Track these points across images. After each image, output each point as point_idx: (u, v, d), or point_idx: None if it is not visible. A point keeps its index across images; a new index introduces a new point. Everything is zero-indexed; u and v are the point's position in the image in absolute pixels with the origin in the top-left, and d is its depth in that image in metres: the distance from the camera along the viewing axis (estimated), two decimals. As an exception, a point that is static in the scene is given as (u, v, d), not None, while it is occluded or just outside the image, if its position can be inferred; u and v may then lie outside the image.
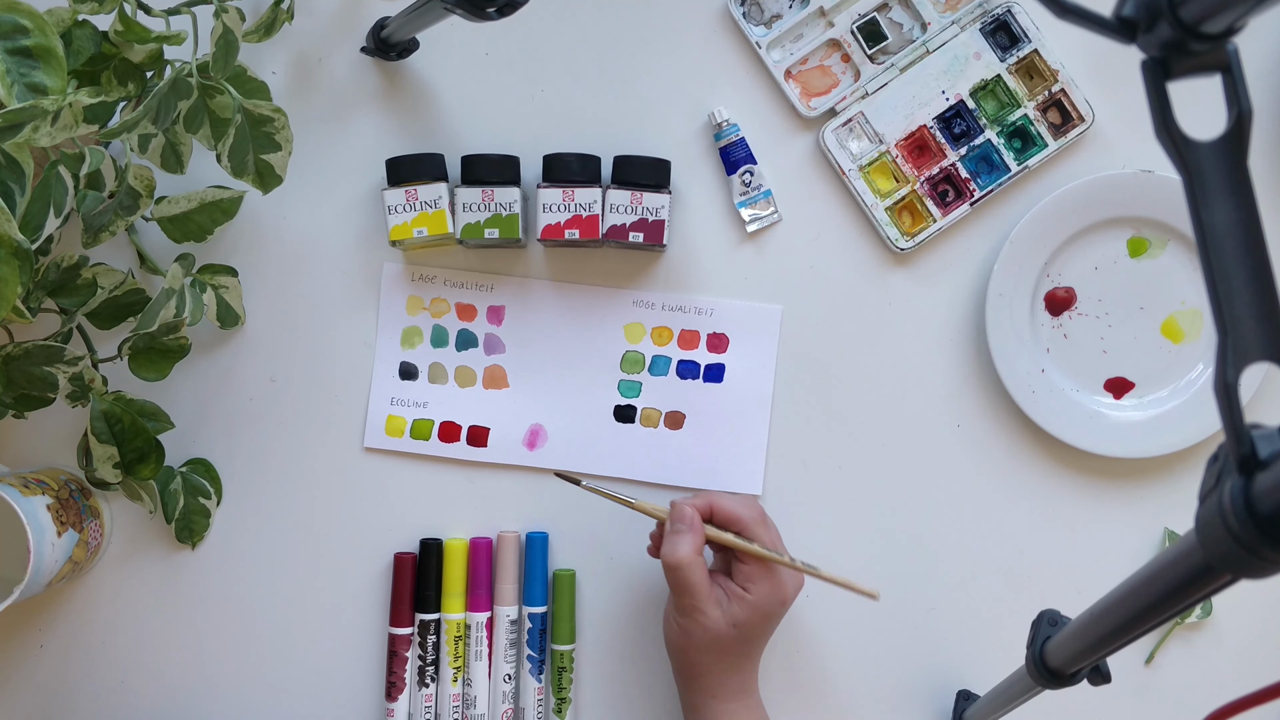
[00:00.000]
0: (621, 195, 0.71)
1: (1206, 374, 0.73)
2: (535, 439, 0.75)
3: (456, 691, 0.73)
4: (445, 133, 0.75)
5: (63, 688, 0.74)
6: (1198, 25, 0.34)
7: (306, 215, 0.75)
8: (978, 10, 0.73)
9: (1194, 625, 0.74)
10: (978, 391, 0.74)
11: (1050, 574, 0.74)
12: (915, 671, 0.74)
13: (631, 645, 0.75)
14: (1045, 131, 0.73)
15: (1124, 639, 0.45)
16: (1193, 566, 0.38)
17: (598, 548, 0.75)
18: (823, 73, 0.74)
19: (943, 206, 0.74)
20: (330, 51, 0.75)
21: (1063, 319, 0.74)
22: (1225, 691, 0.46)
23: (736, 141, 0.73)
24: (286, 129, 0.66)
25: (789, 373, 0.74)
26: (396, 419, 0.75)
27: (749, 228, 0.74)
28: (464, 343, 0.75)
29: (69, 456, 0.74)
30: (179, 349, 0.71)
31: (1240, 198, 0.35)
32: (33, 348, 0.65)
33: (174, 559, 0.75)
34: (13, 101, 0.52)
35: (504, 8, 0.57)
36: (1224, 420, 0.34)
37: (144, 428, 0.68)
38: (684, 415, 0.75)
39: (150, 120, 0.60)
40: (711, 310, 0.74)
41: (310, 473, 0.74)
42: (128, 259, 0.74)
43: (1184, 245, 0.73)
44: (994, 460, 0.74)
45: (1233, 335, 0.34)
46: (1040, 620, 0.56)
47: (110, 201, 0.65)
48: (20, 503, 0.65)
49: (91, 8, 0.59)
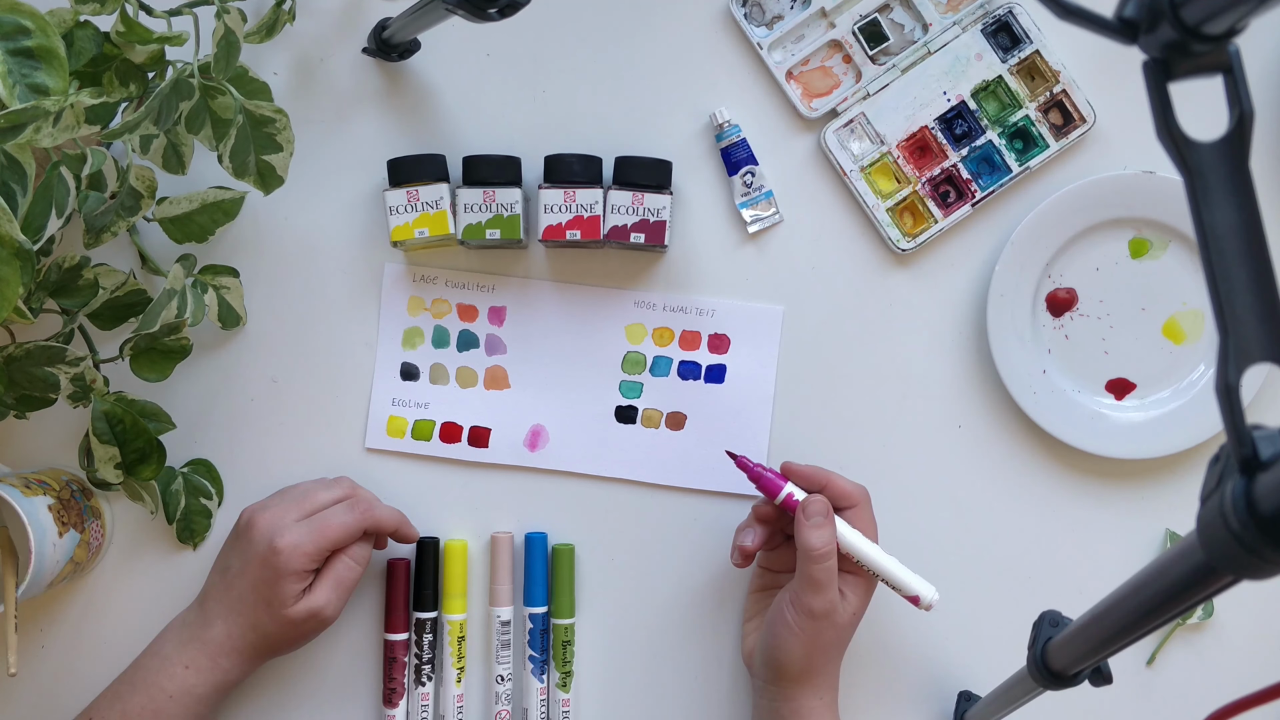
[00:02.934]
0: (623, 196, 0.71)
1: (1208, 375, 0.73)
2: (536, 440, 0.75)
3: (460, 692, 0.73)
4: (447, 133, 0.75)
5: (64, 688, 0.74)
6: (1199, 26, 0.34)
7: (308, 216, 0.75)
8: (979, 11, 0.73)
9: (1196, 626, 0.74)
10: (979, 392, 0.74)
11: (1051, 575, 0.74)
12: (916, 672, 0.74)
13: (631, 618, 0.75)
14: (1047, 132, 0.73)
15: (1126, 640, 0.45)
16: (1194, 567, 0.38)
17: (598, 546, 0.75)
18: (824, 73, 0.74)
19: (944, 207, 0.74)
20: (332, 52, 0.75)
21: (1064, 320, 0.74)
22: (1227, 692, 0.46)
23: (738, 142, 0.73)
24: (288, 130, 0.66)
25: (790, 373, 0.74)
26: (398, 419, 0.75)
27: (750, 228, 0.74)
28: (465, 343, 0.75)
29: (70, 457, 0.74)
30: (180, 349, 0.71)
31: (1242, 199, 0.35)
32: (34, 348, 0.65)
33: (175, 559, 0.75)
34: (15, 102, 0.52)
35: (505, 8, 0.57)
36: (1225, 421, 0.34)
37: (145, 428, 0.68)
38: (685, 416, 0.75)
39: (152, 121, 0.60)
40: (713, 311, 0.74)
41: (312, 473, 0.74)
42: (129, 260, 0.74)
43: (1185, 246, 0.73)
44: (995, 461, 0.74)
45: (1234, 336, 0.34)
46: (1041, 621, 0.56)
47: (112, 202, 0.65)
48: (22, 503, 0.65)
49: (93, 8, 0.59)
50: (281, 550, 0.67)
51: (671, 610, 0.75)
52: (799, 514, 0.66)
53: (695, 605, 0.75)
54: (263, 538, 0.68)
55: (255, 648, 0.69)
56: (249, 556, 0.68)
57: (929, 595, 0.67)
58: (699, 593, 0.75)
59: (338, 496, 0.71)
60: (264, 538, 0.67)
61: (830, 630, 0.65)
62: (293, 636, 0.69)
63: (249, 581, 0.68)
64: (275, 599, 0.67)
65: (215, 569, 0.71)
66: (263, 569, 0.67)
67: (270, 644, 0.69)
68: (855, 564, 0.67)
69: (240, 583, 0.68)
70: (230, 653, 0.68)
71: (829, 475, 0.69)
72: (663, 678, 0.75)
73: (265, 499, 0.72)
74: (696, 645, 0.75)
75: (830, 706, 0.67)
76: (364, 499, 0.71)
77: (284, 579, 0.67)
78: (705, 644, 0.75)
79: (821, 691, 0.67)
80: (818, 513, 0.66)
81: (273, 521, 0.68)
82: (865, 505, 0.69)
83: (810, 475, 0.68)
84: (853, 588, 0.67)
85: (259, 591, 0.67)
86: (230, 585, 0.69)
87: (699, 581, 0.74)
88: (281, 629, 0.68)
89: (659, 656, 0.75)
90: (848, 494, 0.68)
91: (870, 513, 0.69)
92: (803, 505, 0.67)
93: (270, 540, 0.67)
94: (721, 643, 0.75)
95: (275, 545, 0.67)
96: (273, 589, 0.67)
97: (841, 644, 0.67)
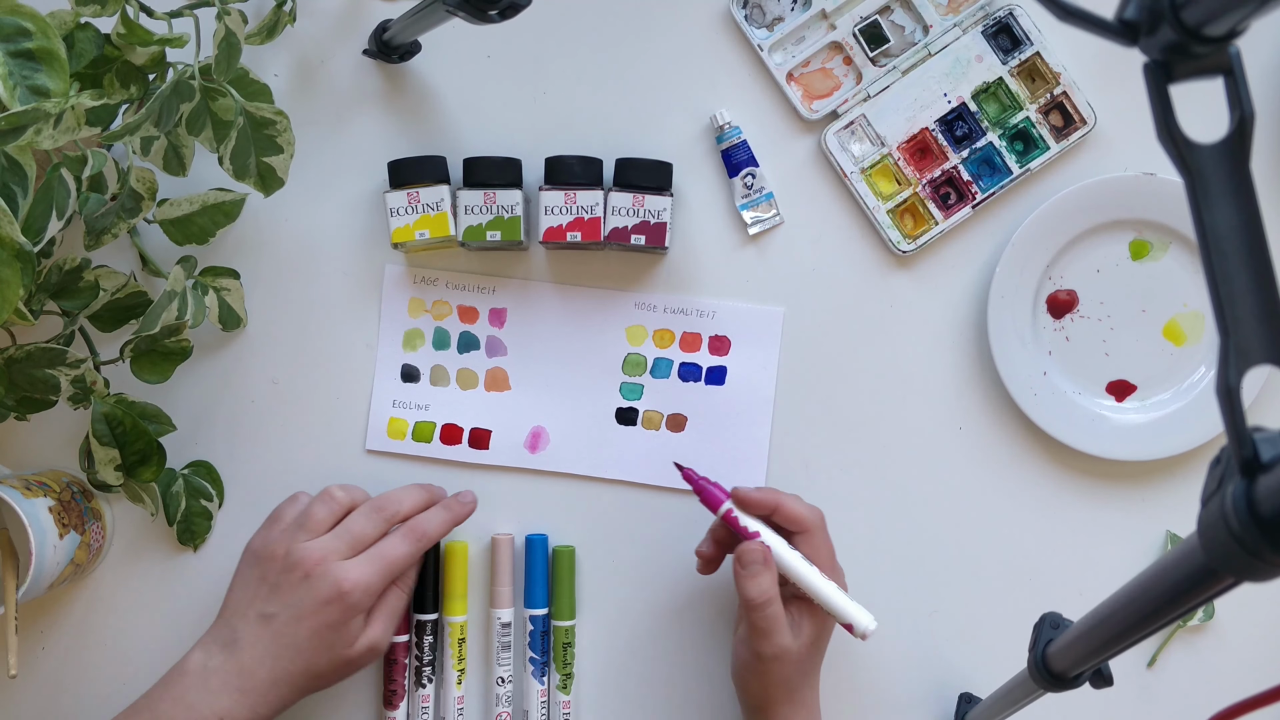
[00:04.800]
0: (623, 198, 0.71)
1: (1209, 377, 0.73)
2: (537, 441, 0.75)
3: (461, 694, 0.73)
4: (447, 135, 0.75)
5: (64, 689, 0.74)
6: (1200, 28, 0.34)
7: (308, 218, 0.75)
8: (980, 13, 0.73)
9: (1196, 628, 0.74)
10: (979, 394, 0.74)
11: (1052, 576, 0.74)
12: (917, 674, 0.74)
13: (631, 620, 0.74)
14: (1047, 134, 0.73)
15: (1126, 642, 0.45)
16: (1195, 569, 0.38)
17: (599, 548, 0.75)
18: (824, 75, 0.74)
19: (944, 209, 0.74)
20: (332, 54, 0.75)
21: (1065, 321, 0.73)
22: (1227, 694, 0.46)
23: (738, 144, 0.73)
24: (288, 131, 0.66)
25: (791, 375, 0.74)
26: (398, 421, 0.75)
27: (751, 230, 0.74)
28: (466, 345, 0.75)
29: (71, 459, 0.74)
30: (181, 351, 0.71)
31: (1242, 200, 0.35)
32: (35, 350, 0.65)
33: (175, 561, 0.75)
34: (15, 104, 0.52)
35: (506, 10, 0.57)
36: (1226, 423, 0.34)
37: (145, 430, 0.68)
38: (686, 418, 0.74)
39: (152, 123, 0.60)
40: (713, 313, 0.74)
41: (312, 475, 0.74)
42: (130, 261, 0.74)
43: (1186, 248, 0.73)
44: (996, 463, 0.74)
45: (1235, 338, 0.34)
46: (1042, 623, 0.56)
47: (112, 204, 0.65)
48: (22, 505, 0.65)
49: (94, 10, 0.59)
50: (350, 592, 0.64)
51: (672, 612, 0.75)
52: (735, 564, 0.65)
53: (696, 607, 0.75)
54: (324, 581, 0.64)
55: (303, 690, 0.65)
56: (305, 601, 0.64)
57: (864, 624, 0.65)
58: (700, 595, 0.75)
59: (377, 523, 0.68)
60: (326, 581, 0.64)
61: (786, 667, 0.65)
62: (345, 674, 0.66)
63: (308, 628, 0.64)
64: (339, 642, 0.64)
65: (251, 616, 0.65)
66: (327, 612, 0.64)
67: (320, 684, 0.66)
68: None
69: (295, 630, 0.64)
70: (275, 701, 0.64)
71: (779, 499, 0.66)
72: (663, 680, 0.74)
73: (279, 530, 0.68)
74: (697, 647, 0.75)
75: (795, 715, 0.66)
76: (417, 527, 0.68)
77: (350, 621, 0.64)
78: (706, 646, 0.75)
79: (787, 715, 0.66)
80: (753, 560, 0.64)
81: (325, 560, 0.65)
82: (818, 530, 0.67)
83: (759, 500, 0.66)
84: (808, 615, 0.66)
85: (321, 636, 0.64)
86: (280, 634, 0.64)
87: (700, 584, 0.74)
88: (337, 669, 0.65)
89: (659, 659, 0.74)
90: (798, 518, 0.66)
91: (824, 537, 0.67)
92: (738, 554, 0.65)
93: (335, 583, 0.64)
94: (722, 645, 0.74)
95: (342, 588, 0.64)
96: (338, 633, 0.64)
97: (805, 672, 0.66)
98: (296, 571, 0.65)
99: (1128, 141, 0.74)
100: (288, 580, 0.65)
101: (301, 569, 0.65)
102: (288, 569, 0.65)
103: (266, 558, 0.66)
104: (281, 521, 0.69)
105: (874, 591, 0.74)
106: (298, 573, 0.65)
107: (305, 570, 0.65)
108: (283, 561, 0.65)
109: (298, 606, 0.64)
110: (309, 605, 0.64)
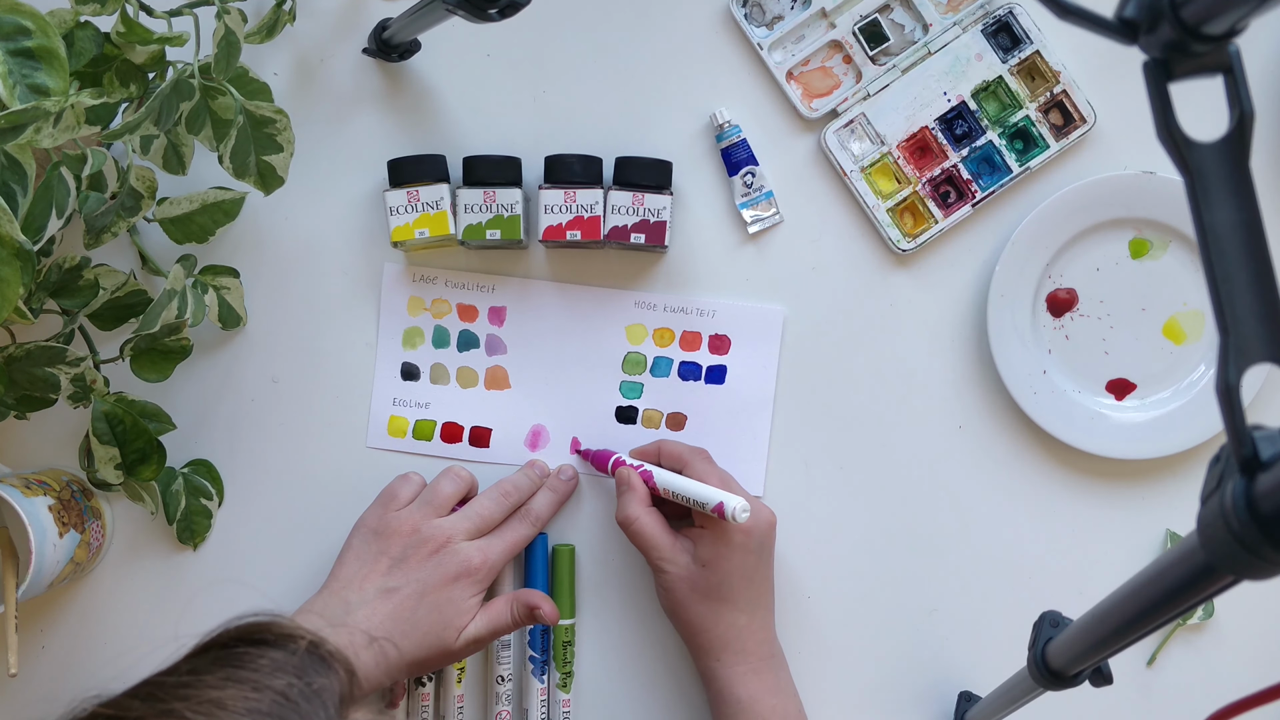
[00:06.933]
0: (623, 196, 0.71)
1: (1208, 375, 0.73)
2: (537, 440, 0.75)
3: (461, 693, 0.73)
4: (447, 134, 0.75)
5: (65, 688, 0.74)
6: (1199, 26, 0.34)
7: (308, 216, 0.75)
8: (979, 11, 0.73)
9: (1196, 626, 0.74)
10: (979, 392, 0.74)
11: (1052, 575, 0.74)
12: (917, 672, 0.74)
13: (631, 619, 0.75)
14: (1047, 133, 0.73)
15: (1126, 640, 0.45)
16: (1194, 568, 0.38)
17: (598, 547, 0.75)
18: (824, 74, 0.74)
19: (944, 208, 0.74)
20: (332, 53, 0.75)
21: (1064, 320, 0.73)
22: (1227, 692, 0.46)
23: (738, 143, 0.73)
24: (288, 130, 0.66)
25: (791, 374, 0.74)
26: (399, 419, 0.75)
27: (750, 229, 0.74)
28: (466, 343, 0.75)
29: (70, 457, 0.74)
30: (181, 350, 0.71)
31: (1242, 199, 0.35)
32: (35, 349, 0.65)
33: (175, 560, 0.75)
34: (15, 103, 0.52)
35: (506, 9, 0.57)
36: (1226, 421, 0.34)
37: (145, 429, 0.68)
38: (685, 417, 0.75)
39: (152, 121, 0.60)
40: (713, 312, 0.74)
41: (312, 474, 0.74)
42: (129, 260, 0.74)
43: (1186, 246, 0.73)
44: (995, 461, 0.74)
45: (1234, 336, 0.34)
46: (1042, 621, 0.56)
47: (112, 203, 0.65)
48: (22, 503, 0.65)
49: (94, 9, 0.59)
50: (479, 569, 0.65)
51: (672, 610, 0.75)
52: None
53: (695, 605, 0.75)
54: (454, 557, 0.65)
55: (400, 675, 0.65)
56: (432, 577, 0.65)
57: (732, 504, 0.64)
58: (699, 593, 0.75)
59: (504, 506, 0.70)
60: (456, 557, 0.65)
61: (677, 584, 0.66)
62: (437, 666, 0.67)
63: (430, 604, 0.64)
64: (453, 624, 0.64)
65: (370, 590, 0.65)
66: (452, 589, 0.64)
67: (413, 673, 0.66)
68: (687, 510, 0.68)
69: (416, 606, 0.64)
70: (373, 682, 0.63)
71: (660, 443, 0.71)
72: (663, 678, 0.74)
73: (399, 506, 0.68)
74: (697, 645, 0.75)
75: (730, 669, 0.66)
76: (531, 510, 0.70)
77: (470, 600, 0.65)
78: (705, 644, 0.75)
79: (717, 652, 0.66)
80: (620, 482, 0.69)
81: (454, 538, 0.66)
82: (699, 461, 0.69)
83: (644, 450, 0.72)
84: (694, 538, 0.67)
85: (440, 613, 0.64)
86: (399, 609, 0.64)
87: (699, 582, 0.74)
88: (435, 659, 0.65)
89: (659, 657, 0.74)
90: (677, 455, 0.70)
91: (708, 467, 0.68)
92: (616, 480, 0.69)
93: (465, 560, 0.65)
94: (722, 643, 0.74)
95: (471, 564, 0.65)
96: (457, 610, 0.65)
97: (703, 592, 0.66)
98: (426, 547, 0.66)
99: (1127, 140, 0.74)
100: (416, 555, 0.66)
101: (432, 544, 0.66)
102: (417, 544, 0.66)
103: (389, 533, 0.67)
104: (398, 499, 0.69)
105: (874, 590, 0.74)
106: (427, 548, 0.66)
107: (435, 545, 0.66)
108: (411, 537, 0.66)
109: (423, 582, 0.65)
110: (435, 580, 0.65)
